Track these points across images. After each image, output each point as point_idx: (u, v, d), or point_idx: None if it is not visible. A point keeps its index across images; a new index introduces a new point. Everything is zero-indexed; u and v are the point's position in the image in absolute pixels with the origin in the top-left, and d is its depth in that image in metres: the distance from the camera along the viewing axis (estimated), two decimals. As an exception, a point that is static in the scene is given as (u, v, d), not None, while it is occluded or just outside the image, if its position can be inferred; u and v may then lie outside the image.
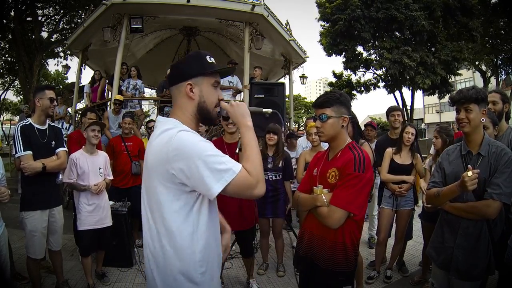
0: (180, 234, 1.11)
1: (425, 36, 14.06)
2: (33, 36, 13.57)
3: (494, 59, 18.34)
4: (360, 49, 16.57)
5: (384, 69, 15.01)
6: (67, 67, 12.84)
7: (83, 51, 7.40)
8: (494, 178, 1.67)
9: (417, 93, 17.65)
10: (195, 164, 1.04)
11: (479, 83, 22.51)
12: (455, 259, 1.78)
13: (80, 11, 13.78)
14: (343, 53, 16.42)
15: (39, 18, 14.00)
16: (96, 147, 3.15)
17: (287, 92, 6.99)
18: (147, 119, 6.24)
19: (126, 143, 4.16)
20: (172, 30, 7.90)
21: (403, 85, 16.14)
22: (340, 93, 1.68)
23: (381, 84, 17.68)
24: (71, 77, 25.04)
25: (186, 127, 1.15)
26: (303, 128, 7.87)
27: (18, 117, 15.06)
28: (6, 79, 19.54)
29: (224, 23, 6.32)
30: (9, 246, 2.83)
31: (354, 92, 18.64)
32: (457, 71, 16.07)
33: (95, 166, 3.04)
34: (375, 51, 15.89)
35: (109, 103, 6.19)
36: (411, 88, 16.32)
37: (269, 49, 7.78)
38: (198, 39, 8.32)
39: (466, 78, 28.41)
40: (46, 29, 14.84)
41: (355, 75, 18.11)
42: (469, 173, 1.53)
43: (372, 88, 18.21)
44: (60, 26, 15.02)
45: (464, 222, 1.77)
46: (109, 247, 3.26)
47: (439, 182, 1.88)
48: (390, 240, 3.43)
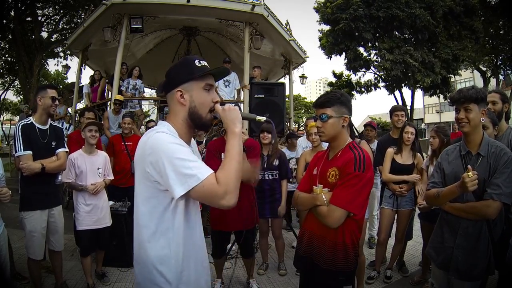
0: (155, 230, 1.15)
1: (426, 35, 14.06)
2: (33, 36, 13.55)
3: (494, 59, 18.34)
4: (361, 49, 16.56)
5: (385, 71, 14.94)
6: (67, 67, 12.84)
7: (83, 51, 7.39)
8: (493, 178, 1.67)
9: (417, 93, 17.68)
10: (163, 164, 1.07)
11: (479, 83, 22.50)
12: (454, 259, 1.78)
13: (80, 11, 13.78)
14: (343, 53, 16.41)
15: (39, 18, 13.99)
16: (96, 147, 3.15)
17: (287, 92, 6.98)
18: (147, 119, 6.24)
19: (126, 142, 4.17)
20: (172, 30, 7.90)
21: (403, 85, 16.12)
22: (340, 93, 1.68)
23: (381, 84, 17.69)
24: (71, 77, 25.04)
25: (167, 129, 1.18)
26: (303, 128, 7.87)
27: (18, 117, 15.06)
28: (6, 79, 19.53)
29: (224, 23, 6.31)
30: (9, 246, 2.83)
31: (354, 92, 18.65)
32: (457, 71, 16.07)
33: (94, 166, 3.04)
34: (376, 52, 15.87)
35: (109, 103, 6.20)
36: (411, 87, 16.31)
37: (269, 49, 7.78)
38: (198, 39, 8.32)
39: (466, 78, 28.41)
40: (46, 29, 14.85)
41: (355, 75, 18.13)
42: (470, 173, 1.53)
43: (372, 88, 18.22)
44: (60, 26, 15.03)
45: (464, 222, 1.76)
46: (109, 247, 3.26)
47: (438, 183, 1.87)
48: (390, 240, 3.43)
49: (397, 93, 17.37)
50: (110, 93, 6.42)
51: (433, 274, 2.03)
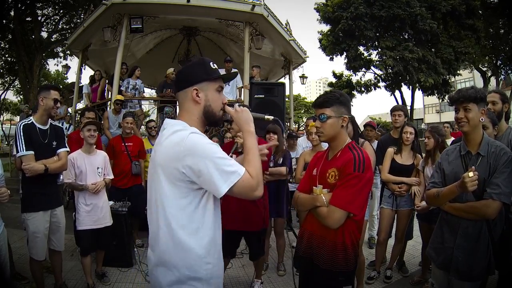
0: (186, 230, 1.17)
1: (428, 35, 14.04)
2: (33, 36, 13.56)
3: (494, 59, 18.33)
4: (361, 48, 16.53)
5: (387, 68, 14.89)
6: (67, 67, 12.86)
7: (83, 51, 7.39)
8: (493, 178, 1.67)
9: (417, 93, 17.65)
10: (205, 164, 1.11)
11: (479, 83, 22.49)
12: (455, 259, 1.78)
13: (80, 11, 13.79)
14: (344, 53, 16.38)
15: (39, 18, 14.01)
16: (96, 147, 3.15)
17: (287, 92, 6.99)
18: (147, 119, 6.24)
19: (126, 143, 4.16)
20: (172, 30, 7.90)
21: (404, 84, 16.09)
22: (340, 93, 1.68)
23: (381, 84, 17.67)
24: (71, 77, 25.06)
25: (195, 129, 1.21)
26: (303, 128, 7.86)
27: (19, 117, 15.08)
28: (6, 79, 19.53)
29: (224, 23, 6.31)
30: (9, 246, 2.83)
31: (354, 92, 18.63)
32: (458, 71, 16.06)
33: (93, 166, 3.04)
34: (378, 50, 15.83)
35: (109, 103, 6.20)
36: (412, 87, 16.29)
37: (269, 49, 7.78)
38: (198, 39, 8.32)
39: (466, 78, 28.40)
40: (46, 29, 14.87)
41: (355, 75, 18.10)
42: (470, 173, 1.53)
43: (372, 88, 18.20)
44: (60, 26, 15.05)
45: (464, 222, 1.76)
46: (109, 247, 3.26)
47: (438, 183, 1.87)
48: (390, 240, 3.43)
49: (397, 93, 17.37)
50: (110, 93, 6.42)
51: (433, 274, 2.03)
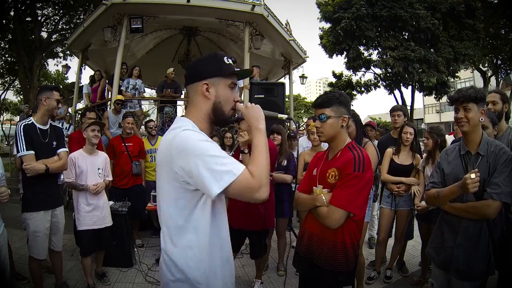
0: (184, 231, 1.14)
1: (429, 35, 14.03)
2: (33, 36, 13.57)
3: (494, 59, 18.33)
4: (361, 48, 16.50)
5: (388, 68, 14.86)
6: (67, 67, 12.84)
7: (83, 51, 7.39)
8: (493, 178, 1.67)
9: (417, 93, 17.62)
10: (195, 163, 1.04)
11: (479, 83, 22.50)
12: (455, 259, 1.77)
13: (79, 11, 13.79)
14: (344, 53, 16.36)
15: (39, 18, 14.02)
16: (97, 147, 3.15)
17: (287, 92, 6.99)
18: (147, 118, 6.23)
19: (126, 144, 4.16)
20: (172, 30, 7.90)
21: (406, 84, 16.06)
22: (339, 93, 1.68)
23: (381, 83, 17.65)
24: (71, 77, 25.06)
25: (191, 126, 1.15)
26: (303, 128, 7.86)
27: (18, 117, 15.08)
28: (6, 79, 19.53)
29: (224, 23, 6.31)
30: (9, 246, 2.83)
31: (354, 92, 18.62)
32: (457, 72, 16.04)
33: (94, 166, 3.04)
34: (379, 50, 15.80)
35: (109, 103, 6.20)
36: (413, 87, 16.26)
37: (269, 49, 7.78)
38: (198, 39, 8.32)
39: (466, 78, 28.40)
40: (46, 29, 14.88)
41: (355, 75, 18.08)
42: (472, 175, 1.52)
43: (372, 88, 18.19)
44: (60, 26, 15.07)
45: (465, 222, 1.76)
46: (109, 247, 3.26)
47: (438, 183, 1.87)
48: (390, 240, 3.43)
49: (397, 93, 17.34)
50: (110, 93, 6.42)
51: (433, 274, 2.03)
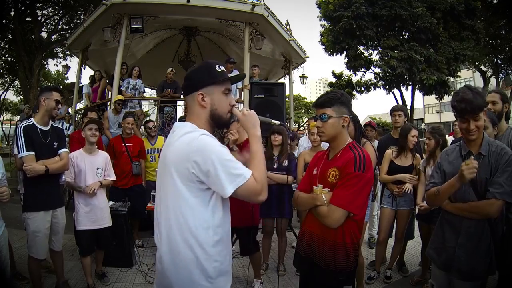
0: (196, 229, 1.19)
1: (429, 34, 14.02)
2: (33, 36, 13.57)
3: (494, 59, 18.32)
4: (361, 48, 16.49)
5: (389, 69, 14.83)
6: (67, 67, 12.85)
7: (83, 51, 7.39)
8: (495, 177, 1.67)
9: (417, 93, 17.61)
10: (214, 166, 1.14)
11: (479, 83, 22.50)
12: (457, 259, 1.77)
13: (79, 11, 13.79)
14: (344, 52, 16.34)
15: (39, 18, 14.02)
16: (98, 147, 3.14)
17: (287, 92, 6.98)
18: (147, 118, 6.23)
19: (126, 144, 4.15)
20: (172, 30, 7.89)
21: (406, 84, 16.04)
22: (341, 93, 1.68)
23: (380, 83, 17.64)
24: (71, 77, 25.05)
25: (205, 131, 1.25)
26: (303, 128, 7.86)
27: (19, 117, 15.07)
28: (6, 79, 19.54)
29: (224, 23, 6.31)
30: (10, 246, 2.83)
31: (354, 92, 18.61)
32: (457, 72, 16.03)
33: (93, 166, 3.03)
34: (379, 50, 15.77)
35: (109, 103, 6.19)
36: (413, 87, 16.25)
37: (269, 49, 7.77)
38: (198, 39, 8.32)
39: (466, 78, 28.41)
40: (46, 29, 14.88)
41: (355, 75, 18.07)
42: (467, 161, 1.56)
43: (372, 88, 18.18)
44: (60, 27, 15.07)
45: (466, 222, 1.76)
46: (109, 247, 3.26)
47: (438, 183, 1.87)
48: (390, 240, 3.43)
49: (397, 93, 17.33)
50: (110, 93, 6.42)
51: (433, 275, 2.02)
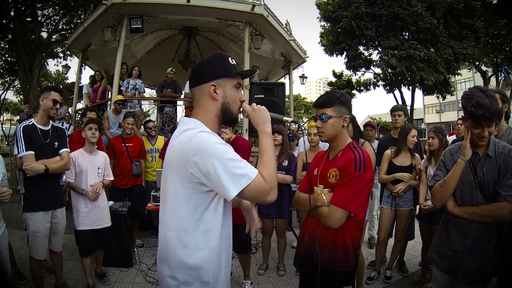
0: (194, 232, 1.13)
1: (428, 34, 14.02)
2: (33, 36, 13.57)
3: (494, 59, 18.32)
4: (361, 48, 16.49)
5: (389, 69, 14.83)
6: (67, 67, 12.86)
7: (83, 51, 7.38)
8: (506, 180, 1.64)
9: (417, 93, 17.63)
10: (213, 166, 1.05)
11: (479, 83, 22.50)
12: (464, 264, 1.73)
13: (79, 11, 13.79)
14: (344, 52, 16.34)
15: (39, 18, 14.02)
16: (98, 147, 3.14)
17: (287, 92, 6.98)
18: (147, 118, 6.23)
19: (126, 144, 4.15)
20: (172, 30, 7.89)
21: (406, 84, 16.05)
22: (341, 93, 1.68)
23: (381, 83, 17.65)
24: (71, 77, 25.07)
25: (206, 128, 1.16)
26: (303, 128, 7.84)
27: (18, 116, 15.07)
28: (6, 79, 19.54)
29: (224, 23, 6.31)
30: (10, 246, 2.83)
31: (354, 92, 18.63)
32: (457, 71, 16.04)
33: (94, 166, 3.03)
34: (379, 50, 15.77)
35: (109, 103, 6.19)
36: (412, 87, 16.25)
37: (269, 49, 7.77)
38: (198, 39, 8.31)
39: (466, 78, 28.41)
40: (46, 29, 14.88)
41: (355, 75, 18.08)
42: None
43: (372, 87, 18.20)
44: (60, 27, 15.06)
45: (475, 225, 1.73)
46: (109, 247, 3.25)
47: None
48: (390, 240, 3.43)
49: (397, 93, 17.35)
50: (109, 93, 6.41)
51: (433, 278, 1.98)
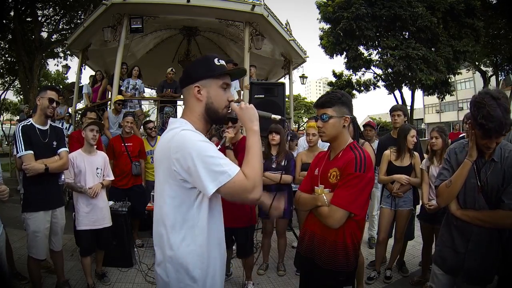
0: (181, 228, 1.16)
1: (428, 34, 14.02)
2: (33, 36, 13.57)
3: (494, 59, 18.32)
4: (361, 48, 16.48)
5: (389, 68, 14.81)
6: (67, 67, 12.85)
7: (83, 51, 7.39)
8: (510, 187, 1.61)
9: (417, 93, 17.64)
10: (193, 162, 1.08)
11: (479, 83, 22.53)
12: (467, 265, 1.73)
13: (80, 11, 13.79)
14: (344, 53, 16.34)
15: (39, 18, 14.01)
16: (97, 147, 3.14)
17: (287, 92, 6.98)
18: (147, 119, 6.23)
19: (126, 144, 4.15)
20: (172, 30, 7.90)
21: (405, 84, 16.04)
22: (341, 93, 1.68)
23: (381, 83, 17.65)
24: (71, 77, 25.08)
25: (190, 126, 1.20)
26: (303, 128, 7.86)
27: (18, 116, 15.07)
28: (6, 79, 19.55)
29: (224, 23, 6.31)
30: (10, 246, 2.83)
31: (354, 92, 18.63)
32: (457, 70, 16.05)
33: (93, 166, 3.03)
34: (379, 50, 15.76)
35: (109, 103, 6.19)
36: (412, 86, 16.25)
37: (269, 49, 7.78)
38: (198, 39, 8.32)
39: (466, 78, 28.45)
40: (46, 29, 14.88)
41: (355, 75, 18.07)
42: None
43: (372, 87, 18.20)
44: (60, 26, 15.06)
45: (477, 229, 1.72)
46: (109, 247, 3.25)
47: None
48: (390, 240, 3.42)
49: (397, 93, 17.35)
50: (109, 93, 6.41)
51: (432, 278, 1.97)
